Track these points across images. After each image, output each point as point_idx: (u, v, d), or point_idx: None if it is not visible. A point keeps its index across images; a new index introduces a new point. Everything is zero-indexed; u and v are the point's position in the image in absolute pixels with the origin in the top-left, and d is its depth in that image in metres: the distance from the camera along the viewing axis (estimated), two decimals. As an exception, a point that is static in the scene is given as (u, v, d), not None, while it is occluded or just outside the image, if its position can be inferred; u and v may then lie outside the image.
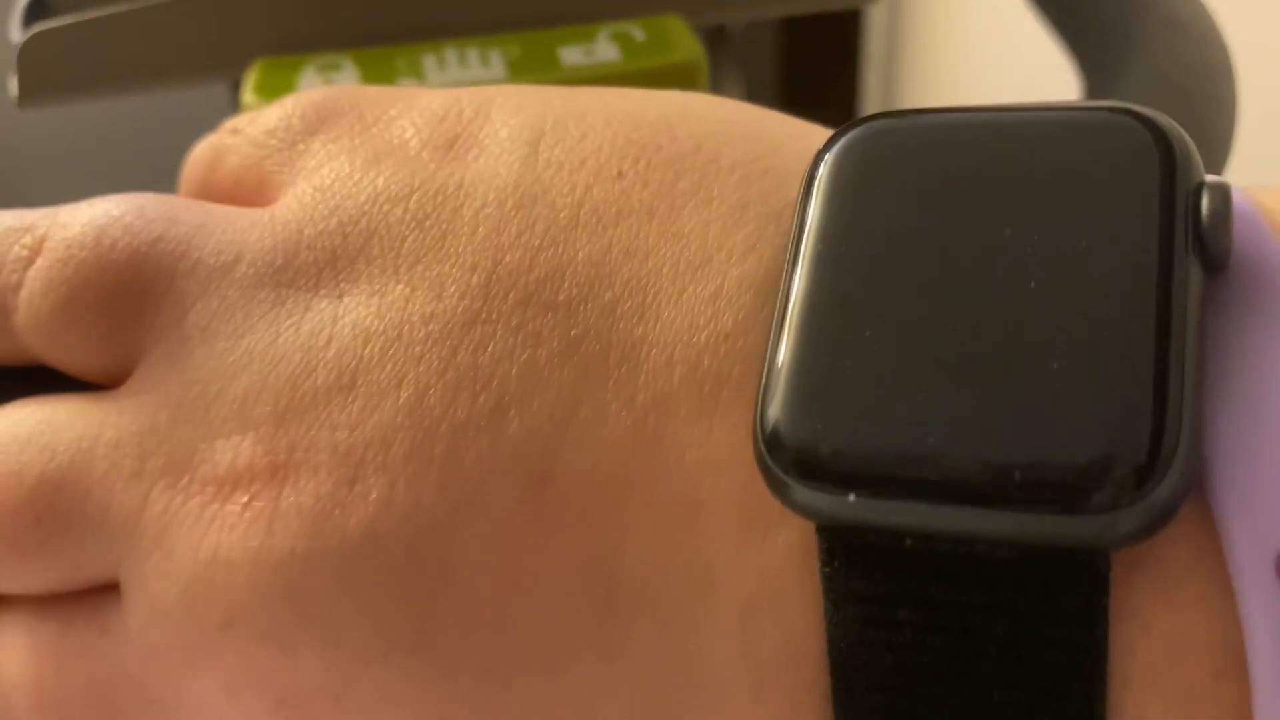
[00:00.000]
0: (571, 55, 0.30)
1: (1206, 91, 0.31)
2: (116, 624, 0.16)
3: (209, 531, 0.15)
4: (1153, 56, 0.32)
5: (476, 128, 0.17)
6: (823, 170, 0.15)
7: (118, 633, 0.16)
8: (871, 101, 1.28)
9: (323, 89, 0.19)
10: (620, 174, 0.16)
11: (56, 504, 0.16)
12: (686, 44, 0.31)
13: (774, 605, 0.14)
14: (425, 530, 0.15)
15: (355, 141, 0.18)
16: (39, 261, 0.17)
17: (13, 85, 0.30)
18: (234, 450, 0.15)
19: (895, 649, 0.13)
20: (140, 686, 0.16)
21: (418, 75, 0.29)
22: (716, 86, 0.37)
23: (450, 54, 0.30)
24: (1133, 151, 0.14)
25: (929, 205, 0.14)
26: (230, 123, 0.20)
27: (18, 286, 0.17)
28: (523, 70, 0.30)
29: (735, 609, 0.14)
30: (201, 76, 0.30)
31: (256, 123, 0.19)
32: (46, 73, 0.29)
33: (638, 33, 0.31)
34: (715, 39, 0.38)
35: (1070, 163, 0.14)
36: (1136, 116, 0.14)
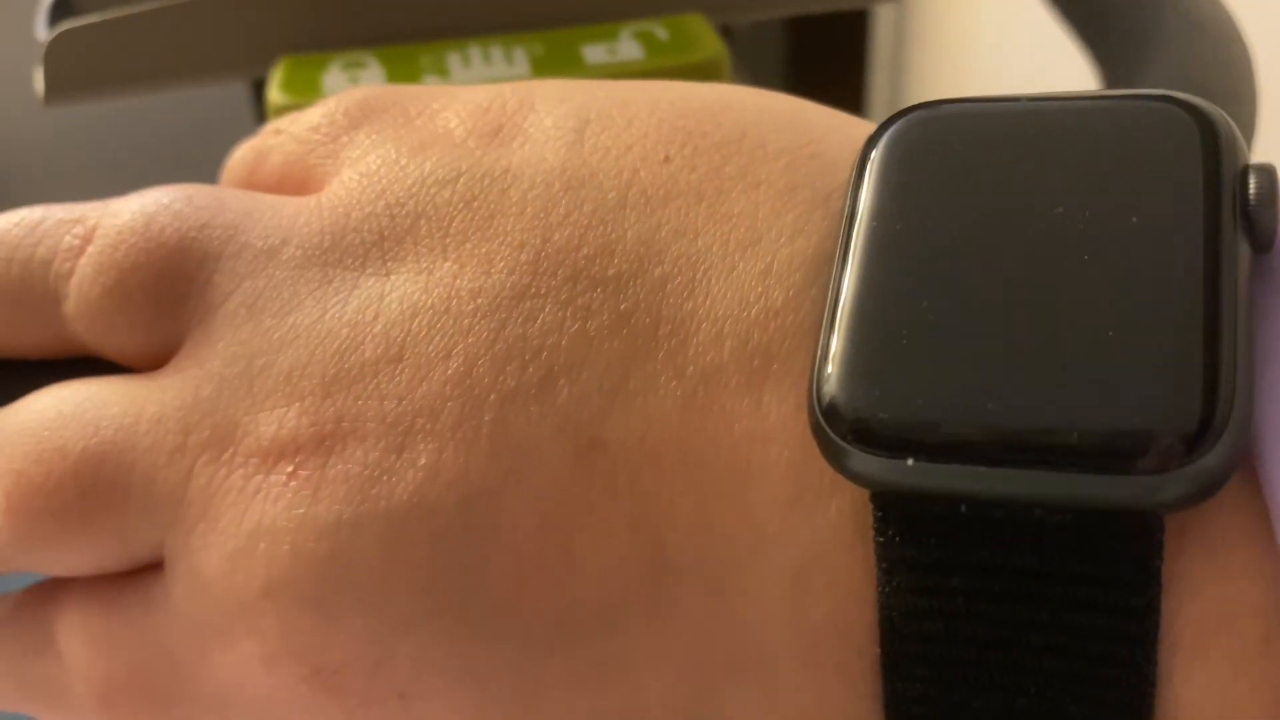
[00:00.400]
0: (595, 53, 0.30)
1: (1226, 90, 0.31)
2: (161, 598, 0.16)
3: (253, 503, 0.15)
4: (1172, 55, 0.32)
5: (521, 117, 0.18)
6: (875, 154, 0.15)
7: (162, 606, 0.16)
8: (878, 101, 1.27)
9: (364, 88, 0.19)
10: (667, 159, 0.16)
11: (100, 478, 0.16)
12: (709, 42, 0.31)
13: (825, 573, 0.14)
14: (474, 495, 0.15)
15: (400, 132, 0.18)
16: (90, 249, 0.17)
17: (39, 83, 0.30)
18: (278, 422, 0.15)
19: (947, 617, 0.13)
20: (180, 662, 0.16)
21: (442, 73, 0.29)
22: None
23: (474, 52, 0.30)
24: (1177, 134, 0.14)
25: (980, 186, 0.15)
26: (271, 124, 0.20)
27: (69, 274, 0.18)
28: (546, 68, 0.30)
29: (786, 577, 0.14)
30: (226, 74, 0.30)
31: (299, 121, 0.19)
32: (72, 71, 0.29)
33: (660, 31, 0.31)
34: (721, 37, 0.38)
35: (1118, 146, 0.14)
36: (1179, 102, 0.14)
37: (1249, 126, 0.31)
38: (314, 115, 0.19)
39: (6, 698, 0.19)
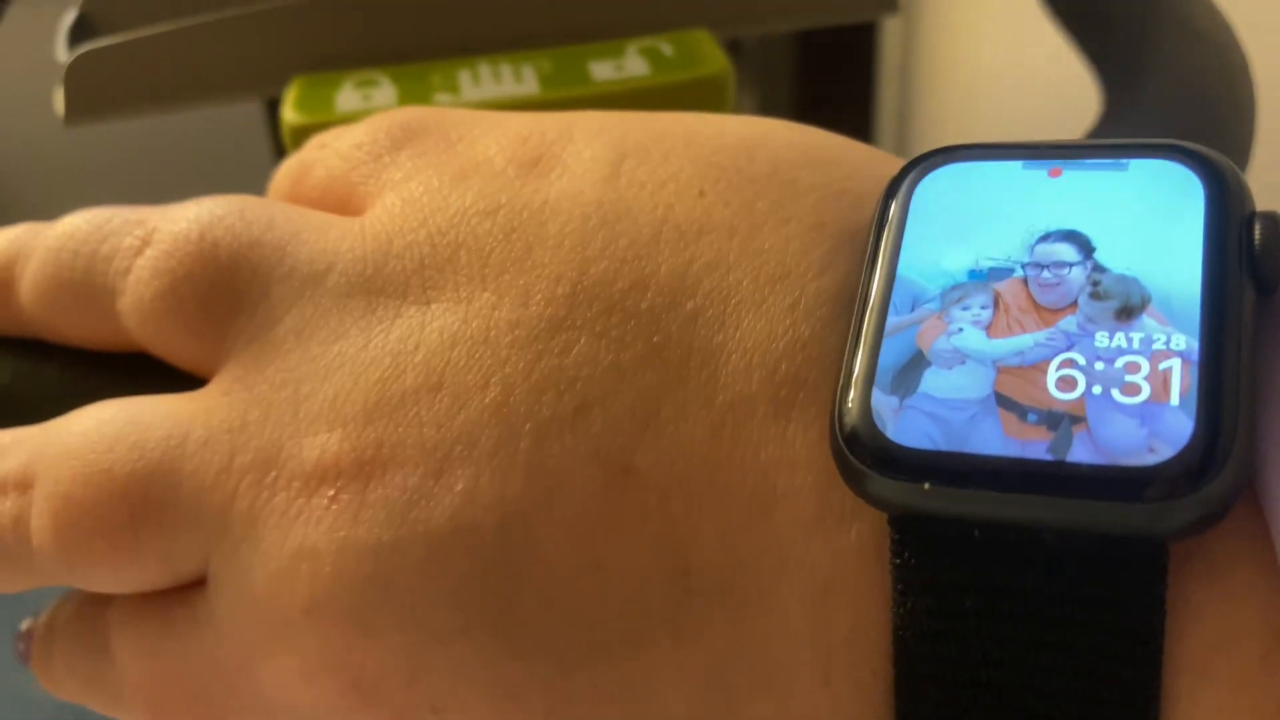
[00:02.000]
0: (602, 70, 0.31)
1: (1226, 97, 0.32)
2: (205, 615, 0.17)
3: (295, 525, 0.16)
4: (1171, 64, 0.32)
5: (560, 148, 0.18)
6: (897, 197, 0.16)
7: (207, 623, 0.17)
8: (886, 114, 1.27)
9: (408, 109, 0.20)
10: (702, 193, 0.17)
11: (149, 500, 0.17)
12: (714, 58, 0.32)
13: (845, 594, 0.15)
14: (509, 518, 0.15)
15: (442, 158, 0.18)
16: (147, 251, 0.18)
17: (59, 104, 0.30)
18: (321, 447, 0.16)
19: (959, 638, 0.14)
20: (225, 673, 0.17)
21: (453, 90, 0.30)
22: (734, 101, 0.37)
23: (484, 69, 0.31)
24: (1183, 185, 0.15)
25: (991, 231, 0.15)
26: (317, 138, 0.21)
27: (126, 272, 0.18)
28: (554, 85, 0.30)
29: (808, 597, 0.15)
30: (241, 93, 0.31)
31: (344, 137, 0.20)
32: (92, 91, 0.30)
33: (666, 47, 0.32)
34: (731, 52, 0.39)
35: (1126, 197, 0.15)
36: (1187, 152, 0.15)
37: (1248, 134, 0.32)
38: (358, 133, 0.20)
39: (71, 691, 0.19)
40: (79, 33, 0.31)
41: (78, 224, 0.19)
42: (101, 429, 0.17)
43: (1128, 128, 0.30)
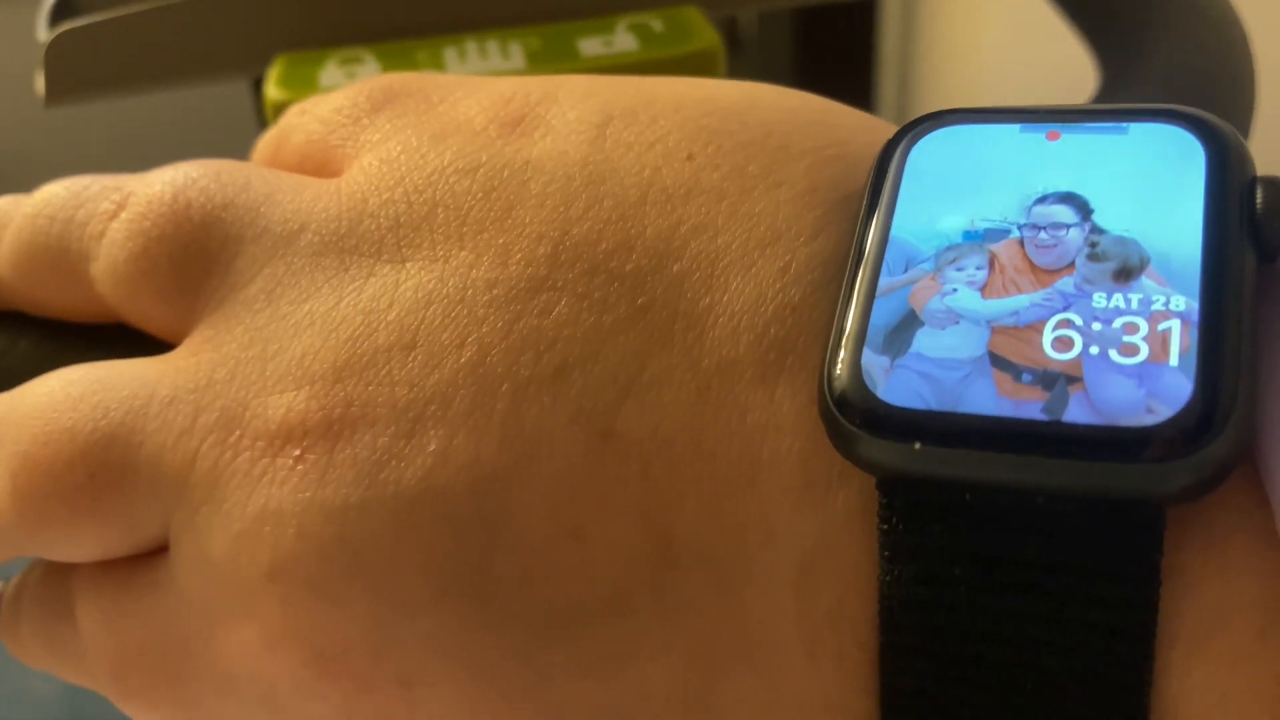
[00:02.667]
0: (590, 46, 0.31)
1: (1224, 73, 0.31)
2: (167, 580, 0.17)
3: (258, 486, 0.15)
4: (1171, 40, 0.32)
5: (544, 109, 0.18)
6: (892, 160, 0.16)
7: (169, 588, 0.17)
8: (886, 97, 1.27)
9: (392, 75, 0.19)
10: (690, 156, 0.16)
11: (109, 460, 0.16)
12: (704, 33, 0.31)
13: (831, 564, 0.14)
14: (484, 481, 0.15)
15: (422, 118, 0.18)
16: (122, 214, 0.18)
17: (40, 84, 0.30)
18: (287, 406, 0.16)
19: (947, 608, 0.13)
20: (187, 641, 0.16)
21: (438, 68, 0.29)
22: (732, 82, 0.37)
23: (471, 47, 0.30)
24: (1184, 150, 0.14)
25: (987, 195, 0.15)
26: (297, 105, 0.20)
27: (100, 235, 0.18)
28: (542, 62, 0.30)
29: (793, 567, 0.14)
30: (225, 73, 0.30)
31: (324, 103, 0.20)
32: (73, 71, 0.29)
33: (656, 23, 0.31)
34: (729, 35, 0.38)
35: (1125, 161, 0.15)
36: (1186, 117, 0.15)
37: (1248, 110, 0.31)
38: (338, 98, 0.19)
39: (36, 657, 0.19)
40: (60, 12, 0.30)
41: (56, 191, 0.19)
42: (67, 389, 0.17)
43: (1125, 103, 0.30)
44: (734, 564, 0.15)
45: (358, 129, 0.19)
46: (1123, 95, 0.31)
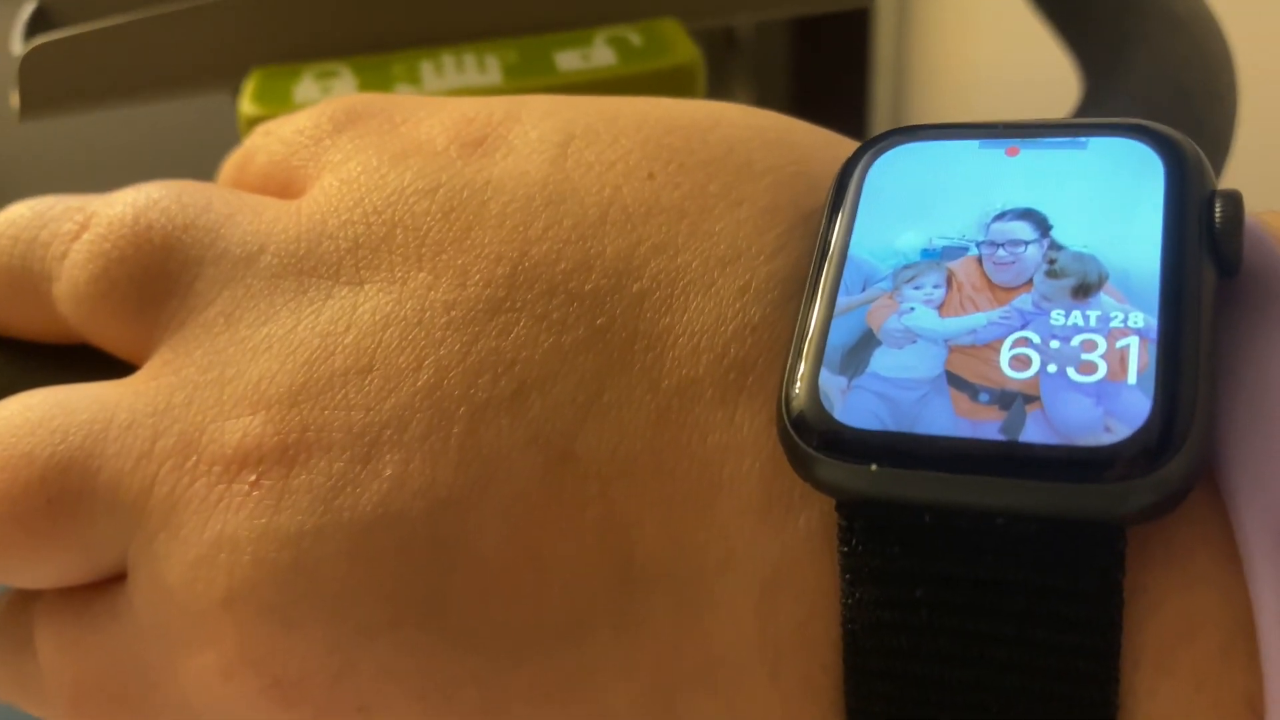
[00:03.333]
0: (568, 60, 0.30)
1: (1206, 88, 0.31)
2: (125, 608, 0.16)
3: (215, 511, 0.15)
4: (1152, 54, 0.32)
5: (506, 129, 0.18)
6: (852, 178, 0.15)
7: (126, 616, 0.16)
8: (881, 105, 1.27)
9: (356, 96, 0.20)
10: (651, 175, 0.16)
11: (66, 485, 0.16)
12: (683, 47, 0.31)
13: (793, 586, 0.14)
14: (441, 505, 0.15)
15: (383, 139, 0.18)
16: (84, 235, 0.18)
17: (14, 98, 0.30)
18: (243, 430, 0.15)
19: (910, 631, 0.13)
20: (145, 670, 0.16)
21: (415, 81, 0.29)
22: (726, 94, 0.37)
23: (447, 60, 0.30)
24: (1144, 164, 0.14)
25: (947, 213, 0.15)
26: (262, 126, 0.20)
27: (63, 257, 0.18)
28: (519, 75, 0.30)
29: (754, 589, 0.14)
30: (202, 86, 0.30)
31: (287, 124, 0.20)
32: (48, 85, 0.29)
33: (634, 37, 0.31)
34: (724, 47, 0.38)
35: (1086, 177, 0.15)
36: (1148, 132, 0.15)
37: (1229, 123, 0.31)
38: (301, 118, 0.19)
39: (1, 689, 0.19)
40: (36, 25, 0.30)
41: (20, 211, 0.19)
42: (25, 414, 0.17)
43: (1106, 114, 0.30)
44: (695, 585, 0.14)
45: (319, 149, 0.19)
46: (1103, 107, 0.31)
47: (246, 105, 0.28)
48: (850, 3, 0.37)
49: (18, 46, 0.30)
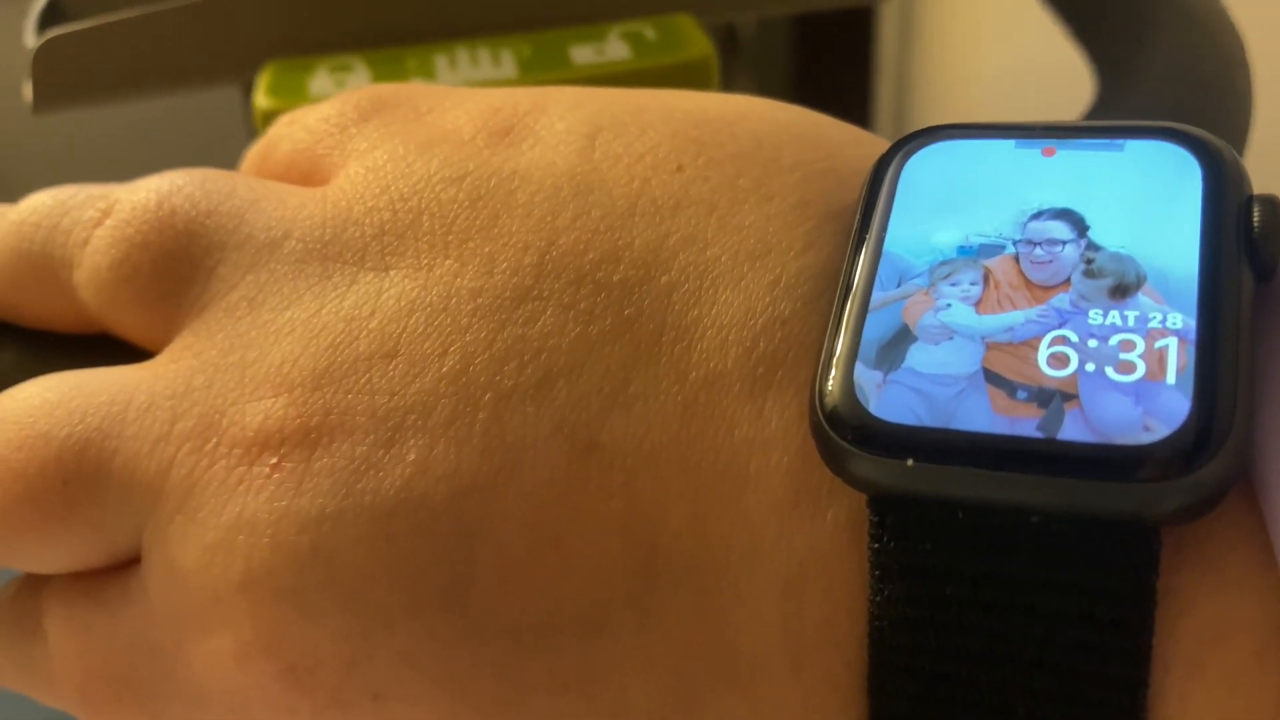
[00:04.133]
0: (582, 54, 0.30)
1: (1221, 83, 0.31)
2: (138, 590, 0.16)
3: (234, 494, 0.15)
4: (1166, 49, 0.31)
5: (533, 119, 0.18)
6: (886, 175, 0.15)
7: (139, 599, 0.16)
8: (884, 103, 1.27)
9: (381, 85, 0.19)
10: (680, 168, 0.16)
11: (83, 467, 0.16)
12: (698, 42, 0.31)
13: (820, 581, 0.14)
14: (464, 491, 0.15)
15: (409, 128, 0.18)
16: (106, 222, 0.18)
17: (27, 90, 0.30)
18: (264, 413, 0.15)
19: (938, 629, 0.13)
20: (156, 655, 0.16)
21: (429, 75, 0.29)
22: (729, 89, 0.37)
23: (461, 54, 0.30)
24: (1181, 168, 0.14)
25: (981, 212, 0.15)
26: (286, 115, 0.20)
27: (85, 243, 0.18)
28: (534, 69, 0.30)
29: (780, 583, 0.14)
30: (215, 79, 0.30)
31: (312, 112, 0.19)
32: (61, 77, 0.29)
33: (649, 31, 0.31)
34: (726, 43, 0.38)
35: (1121, 179, 0.15)
36: (1183, 135, 0.15)
37: (1246, 119, 0.31)
38: (326, 107, 0.19)
39: (9, 677, 0.19)
40: (49, 18, 0.30)
41: (42, 199, 0.19)
42: (44, 395, 0.17)
43: (1121, 113, 0.30)
44: (719, 579, 0.14)
45: (344, 138, 0.18)
46: (1119, 105, 0.31)
47: (261, 98, 0.28)
48: (854, 0, 0.37)
49: (31, 39, 0.30)
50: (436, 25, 0.31)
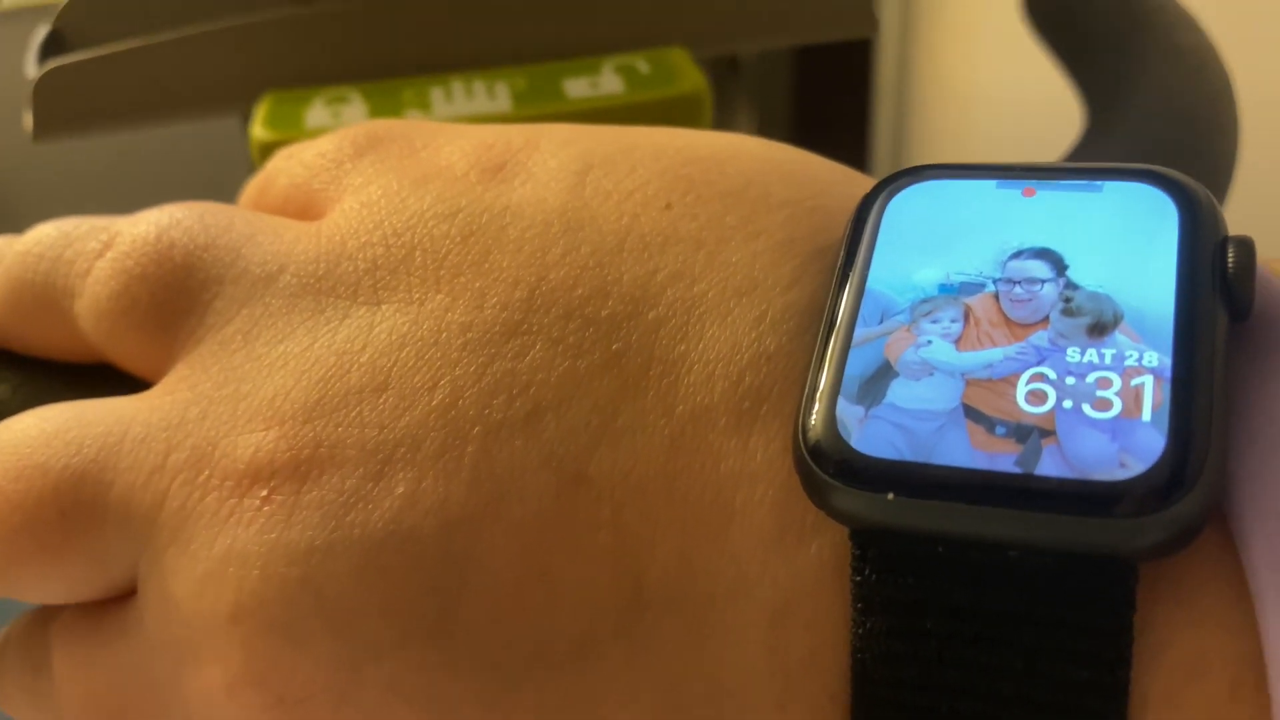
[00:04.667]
0: (576, 87, 0.31)
1: (1208, 120, 0.31)
2: (134, 622, 0.16)
3: (225, 526, 0.15)
4: (1155, 85, 0.32)
5: (525, 156, 0.18)
6: (870, 215, 0.16)
7: (135, 631, 0.16)
8: (883, 132, 1.28)
9: (377, 121, 0.20)
10: (669, 205, 0.17)
11: (80, 498, 0.16)
12: (690, 76, 0.31)
13: (804, 614, 0.14)
14: (452, 523, 0.15)
15: (404, 163, 0.18)
16: (108, 254, 0.18)
17: (28, 120, 0.30)
18: (255, 445, 0.15)
19: (920, 662, 0.13)
20: (153, 687, 0.16)
21: (425, 107, 0.30)
22: (729, 118, 0.37)
23: (457, 87, 0.30)
24: (1157, 209, 0.15)
25: (962, 252, 0.15)
26: (284, 150, 0.21)
27: (86, 274, 0.18)
28: (528, 102, 0.30)
29: (765, 616, 0.14)
30: (213, 109, 0.31)
31: (310, 147, 0.20)
32: (61, 107, 0.30)
33: (642, 65, 0.32)
34: (727, 71, 0.38)
35: (1099, 220, 0.15)
36: (1160, 178, 0.15)
37: (1230, 155, 0.32)
38: (323, 143, 0.20)
39: (18, 708, 0.19)
40: (50, 48, 0.30)
41: (46, 230, 0.19)
42: (41, 426, 0.17)
43: (1111, 144, 0.30)
44: (705, 611, 0.14)
45: (340, 173, 0.19)
46: (1107, 135, 0.31)
47: (259, 129, 0.29)
48: (853, 32, 0.38)
49: (32, 69, 0.30)
50: (432, 58, 0.31)
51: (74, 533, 0.16)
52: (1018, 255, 0.15)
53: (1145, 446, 0.13)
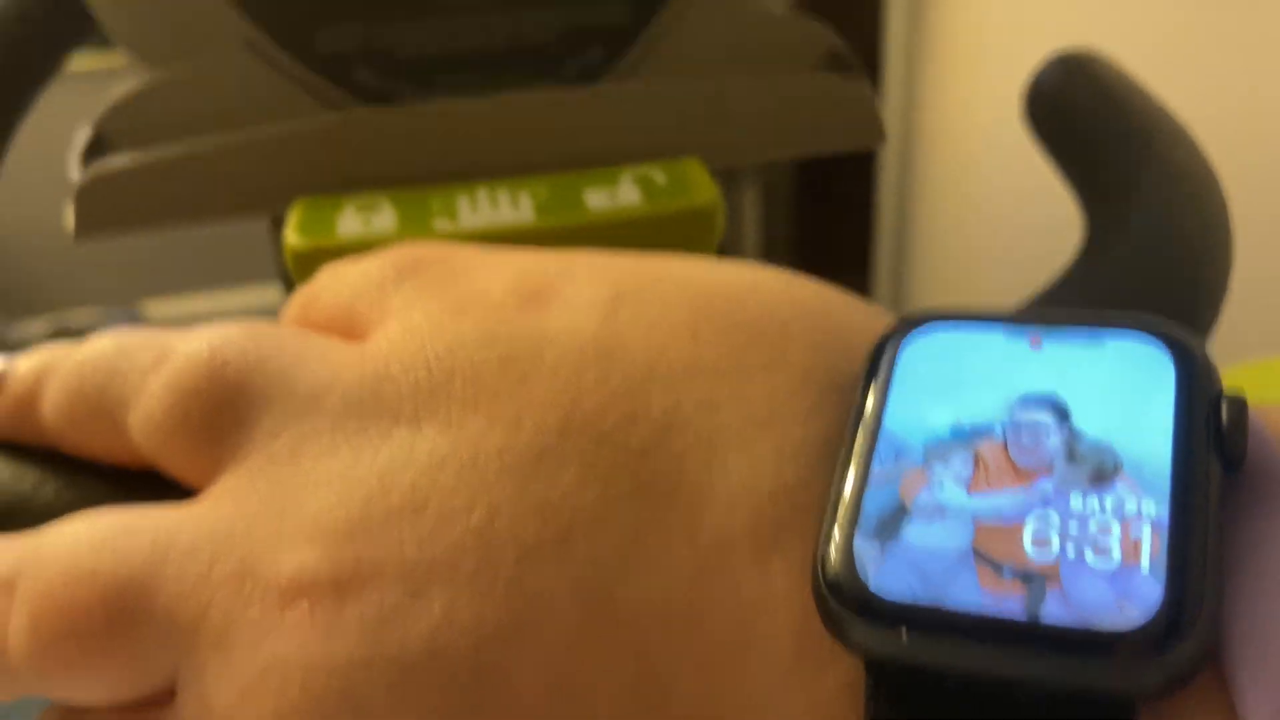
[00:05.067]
0: (596, 198, 0.32)
1: (1203, 240, 0.32)
2: None
3: (266, 638, 0.16)
4: (1153, 207, 0.33)
5: (560, 284, 0.19)
6: (887, 352, 0.17)
7: None
8: (884, 250, 1.30)
9: (420, 244, 0.20)
10: (694, 336, 0.17)
11: (126, 606, 0.17)
12: (705, 187, 0.33)
13: None
14: (485, 643, 0.15)
15: (444, 289, 0.19)
16: (162, 369, 0.19)
17: (69, 219, 0.31)
18: (299, 561, 0.16)
19: None
20: None
21: (451, 215, 0.30)
22: (733, 237, 0.38)
23: (482, 195, 0.31)
24: (1156, 364, 0.16)
25: (970, 397, 0.16)
26: (329, 268, 0.21)
27: (140, 388, 0.19)
28: (550, 211, 0.31)
29: None
30: (246, 214, 0.32)
31: (355, 267, 0.21)
32: (101, 210, 0.30)
33: (659, 176, 0.33)
34: (731, 180, 0.39)
35: (1101, 373, 0.16)
36: (1159, 334, 0.16)
37: (1223, 276, 0.32)
38: (367, 264, 0.20)
39: None
40: (93, 151, 0.31)
41: (105, 343, 0.20)
42: (91, 533, 0.17)
43: (1109, 266, 0.31)
44: None
45: (382, 295, 0.20)
46: (1104, 256, 0.32)
47: (292, 236, 0.29)
48: (862, 144, 0.39)
49: (75, 172, 0.31)
50: (459, 168, 0.32)
51: (118, 640, 0.17)
52: (1024, 403, 0.16)
53: (1144, 595, 0.13)
